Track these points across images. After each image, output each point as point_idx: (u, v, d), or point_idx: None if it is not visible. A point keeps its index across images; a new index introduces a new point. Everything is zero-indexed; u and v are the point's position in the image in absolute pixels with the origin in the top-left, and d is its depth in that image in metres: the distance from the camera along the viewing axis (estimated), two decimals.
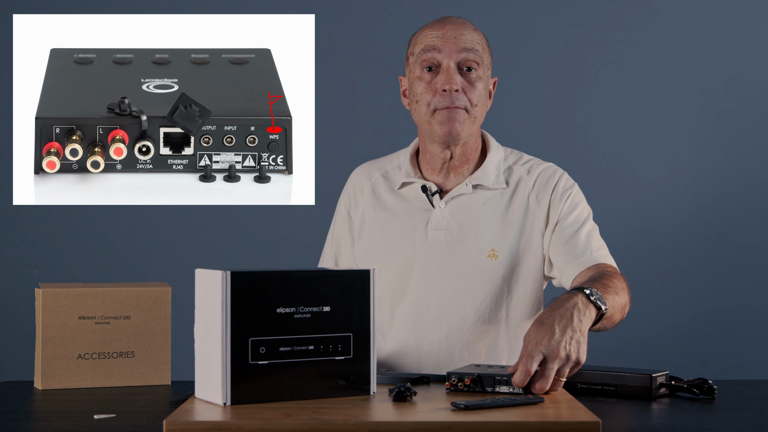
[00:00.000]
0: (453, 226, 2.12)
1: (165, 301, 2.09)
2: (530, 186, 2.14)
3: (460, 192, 2.13)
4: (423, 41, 2.09)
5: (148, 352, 2.07)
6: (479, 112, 2.09)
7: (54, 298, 2.03)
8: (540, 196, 2.13)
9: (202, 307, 1.67)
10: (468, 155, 2.15)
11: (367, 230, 2.20)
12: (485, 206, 2.13)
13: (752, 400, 1.88)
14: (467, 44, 2.07)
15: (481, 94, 2.09)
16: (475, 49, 2.07)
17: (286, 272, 1.67)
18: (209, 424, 1.52)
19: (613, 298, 1.88)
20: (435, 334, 2.12)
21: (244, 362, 1.63)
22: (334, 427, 1.51)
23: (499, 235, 2.10)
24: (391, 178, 2.22)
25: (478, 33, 2.11)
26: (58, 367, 2.02)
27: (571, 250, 2.08)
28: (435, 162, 2.15)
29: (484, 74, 2.09)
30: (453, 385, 1.77)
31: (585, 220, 2.13)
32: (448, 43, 2.07)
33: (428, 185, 2.14)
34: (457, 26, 2.09)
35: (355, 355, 1.71)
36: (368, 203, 2.22)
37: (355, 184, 2.26)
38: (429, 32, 2.10)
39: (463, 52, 2.06)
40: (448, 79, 2.05)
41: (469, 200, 2.13)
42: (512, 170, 2.16)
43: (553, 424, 1.51)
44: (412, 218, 2.15)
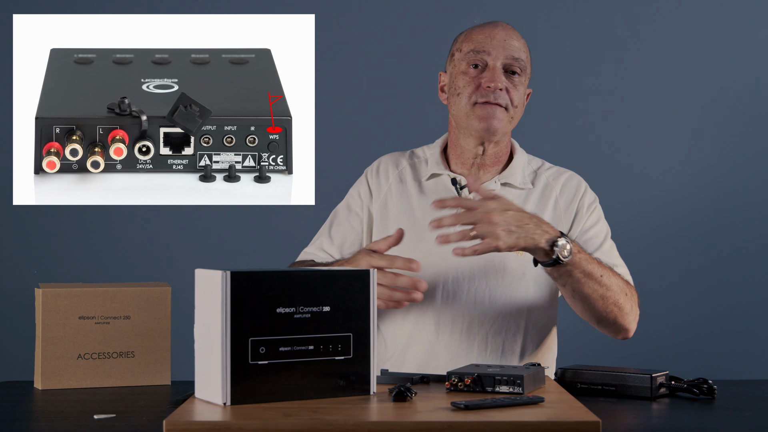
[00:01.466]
0: None
1: (165, 301, 2.09)
2: (557, 191, 2.20)
3: (490, 188, 2.17)
4: (473, 40, 2.15)
5: (148, 352, 2.07)
6: (517, 114, 2.16)
7: (54, 298, 2.02)
8: (567, 203, 2.19)
9: (202, 307, 1.67)
10: (499, 156, 2.20)
11: (392, 218, 2.22)
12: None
13: (752, 400, 1.88)
14: (514, 50, 2.13)
15: (522, 98, 2.15)
16: (521, 56, 2.14)
17: (286, 272, 1.67)
18: (209, 424, 1.52)
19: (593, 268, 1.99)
20: (456, 325, 2.15)
21: (244, 362, 1.63)
22: (334, 427, 1.51)
23: None
24: (418, 169, 2.26)
25: (524, 43, 2.17)
26: (58, 367, 2.02)
27: None
28: (466, 157, 2.19)
29: (525, 81, 2.16)
30: (453, 385, 1.77)
31: (606, 236, 2.20)
32: (497, 45, 2.12)
33: (458, 178, 2.19)
34: (507, 31, 2.16)
35: (355, 355, 1.71)
36: (393, 188, 2.24)
37: (381, 167, 2.28)
38: (479, 33, 2.15)
39: (511, 56, 2.12)
40: (494, 77, 2.10)
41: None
42: (538, 174, 2.23)
43: (553, 424, 1.51)
44: (440, 210, 2.14)
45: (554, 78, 3.40)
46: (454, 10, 3.34)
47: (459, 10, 3.34)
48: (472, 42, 2.14)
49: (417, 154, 2.29)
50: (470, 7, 3.36)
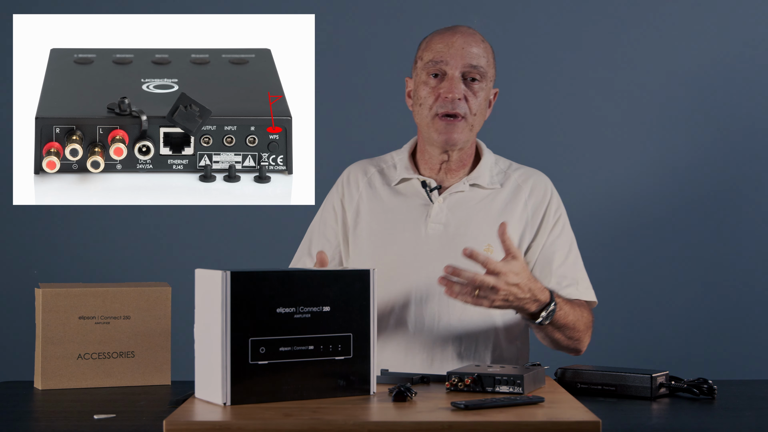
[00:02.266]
0: (451, 220, 2.19)
1: (165, 301, 2.09)
2: (527, 193, 2.24)
3: (458, 189, 2.22)
4: (432, 49, 2.18)
5: (148, 352, 2.07)
6: (477, 121, 2.19)
7: (54, 298, 2.02)
8: (535, 206, 2.23)
9: (202, 307, 1.67)
10: (464, 160, 2.24)
11: (363, 222, 2.25)
12: (482, 203, 2.21)
13: (752, 400, 1.88)
14: (473, 58, 2.16)
15: (481, 105, 2.18)
16: (480, 63, 2.16)
17: (286, 272, 1.67)
18: (209, 424, 1.52)
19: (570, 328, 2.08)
20: (433, 324, 2.16)
21: (244, 362, 1.63)
22: (334, 427, 1.51)
23: (494, 230, 2.14)
24: (387, 174, 2.29)
25: (485, 46, 2.19)
26: (58, 367, 2.02)
27: (556, 278, 2.18)
28: (433, 162, 2.24)
29: (486, 86, 2.19)
30: (453, 385, 1.77)
31: (571, 247, 2.23)
32: (455, 54, 2.15)
33: (428, 181, 2.22)
34: (466, 37, 2.18)
35: (355, 355, 1.71)
36: (364, 196, 2.27)
37: (350, 177, 2.31)
38: (438, 41, 2.18)
39: (469, 65, 2.15)
40: (452, 87, 2.14)
41: (467, 197, 2.22)
42: (507, 174, 2.26)
43: (553, 424, 1.51)
44: (411, 212, 2.21)
45: (538, 80, 3.40)
46: (454, 11, 3.34)
47: (459, 10, 3.34)
48: (432, 51, 2.18)
49: (385, 160, 2.33)
50: (470, 6, 3.35)
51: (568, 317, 2.05)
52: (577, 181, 3.26)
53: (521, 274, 1.91)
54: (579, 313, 2.10)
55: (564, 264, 2.20)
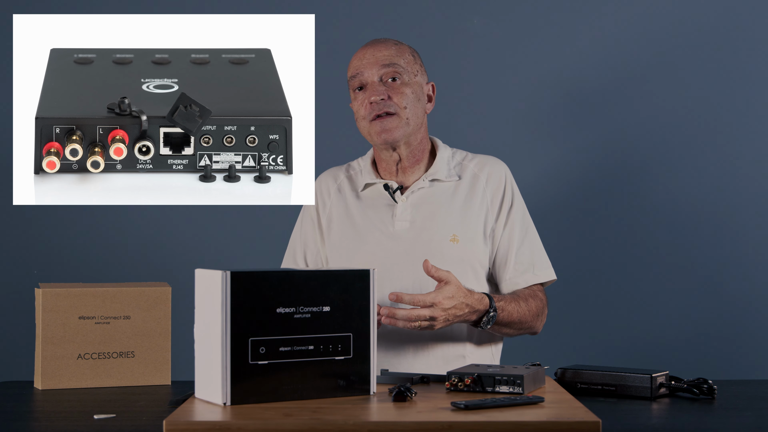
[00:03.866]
0: (416, 216, 2.32)
1: (165, 301, 2.09)
2: (484, 181, 2.35)
3: (419, 186, 2.35)
4: (351, 67, 2.40)
5: (148, 352, 2.07)
6: (411, 114, 2.31)
7: (54, 298, 2.02)
8: (493, 192, 2.34)
9: (202, 307, 1.67)
10: (416, 156, 2.37)
11: (335, 227, 2.40)
12: (443, 196, 2.34)
13: (752, 400, 1.88)
14: (385, 60, 2.32)
15: (410, 98, 2.31)
16: (395, 61, 2.31)
17: (286, 272, 1.67)
18: (209, 424, 1.52)
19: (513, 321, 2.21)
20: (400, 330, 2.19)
21: (244, 362, 1.63)
22: (334, 427, 1.51)
23: (458, 220, 2.31)
24: (354, 180, 2.45)
25: (398, 47, 2.35)
26: (58, 367, 2.02)
27: (513, 264, 2.31)
28: (389, 165, 2.39)
29: (411, 80, 2.32)
30: (453, 385, 1.77)
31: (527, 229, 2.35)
32: (368, 63, 2.34)
33: (389, 183, 2.36)
34: (376, 46, 2.36)
35: (355, 355, 1.71)
36: (335, 203, 2.43)
37: (322, 186, 2.50)
38: (354, 58, 2.40)
39: (383, 67, 2.31)
40: (372, 92, 2.31)
41: (428, 193, 2.35)
42: (463, 166, 2.39)
43: (553, 424, 1.51)
44: (378, 213, 2.35)
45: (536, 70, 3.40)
46: (454, 11, 3.34)
47: (459, 10, 3.34)
48: (351, 69, 2.39)
49: (353, 166, 2.49)
50: (470, 6, 3.35)
51: (512, 316, 2.20)
52: (577, 182, 3.26)
53: (455, 295, 2.06)
54: (525, 307, 2.23)
55: (521, 248, 2.31)
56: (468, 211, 2.32)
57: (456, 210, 2.32)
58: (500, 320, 2.18)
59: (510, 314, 2.19)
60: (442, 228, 2.30)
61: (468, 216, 2.32)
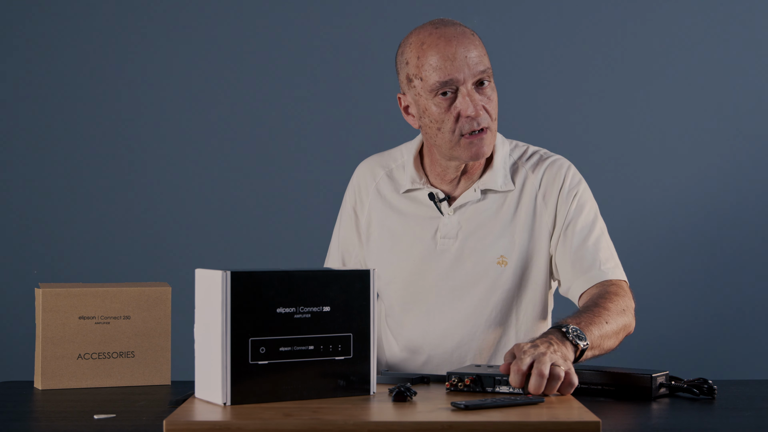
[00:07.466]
0: (462, 234, 2.10)
1: (165, 301, 2.09)
2: (537, 185, 2.10)
3: (468, 199, 2.11)
4: (430, 65, 2.00)
5: (148, 352, 2.07)
6: (497, 124, 2.06)
7: (54, 298, 2.02)
8: (547, 196, 2.10)
9: (202, 307, 1.67)
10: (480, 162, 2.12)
11: (374, 233, 2.18)
12: (493, 212, 2.10)
13: (752, 400, 1.88)
14: (478, 63, 2.00)
15: (496, 104, 2.04)
16: (485, 62, 2.01)
17: (286, 272, 1.67)
18: (209, 424, 1.52)
19: (600, 328, 1.89)
20: (447, 343, 2.13)
21: (244, 362, 1.63)
22: (334, 427, 1.51)
23: (508, 241, 2.08)
24: (395, 178, 2.18)
25: (478, 40, 2.04)
26: (58, 367, 2.02)
27: (578, 263, 2.06)
28: (445, 172, 2.11)
29: (493, 81, 2.05)
30: (453, 385, 1.77)
31: (592, 223, 2.10)
32: (460, 66, 1.98)
33: (435, 193, 2.11)
34: (463, 43, 2.01)
35: (355, 355, 1.71)
36: (374, 204, 2.19)
37: (360, 182, 2.22)
38: (435, 54, 2.00)
39: (477, 72, 2.00)
40: (473, 104, 1.99)
41: (477, 208, 2.11)
42: (517, 167, 2.13)
43: (553, 424, 1.51)
44: (421, 225, 2.13)
45: (555, 75, 3.40)
46: (454, 11, 3.34)
47: (459, 10, 3.34)
48: (431, 69, 1.99)
49: (395, 158, 2.20)
50: (470, 6, 3.35)
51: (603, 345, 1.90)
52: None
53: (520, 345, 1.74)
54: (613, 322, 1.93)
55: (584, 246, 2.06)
56: (519, 228, 2.09)
57: (504, 227, 2.08)
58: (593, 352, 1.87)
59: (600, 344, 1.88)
60: (489, 249, 2.08)
61: (518, 233, 2.08)
